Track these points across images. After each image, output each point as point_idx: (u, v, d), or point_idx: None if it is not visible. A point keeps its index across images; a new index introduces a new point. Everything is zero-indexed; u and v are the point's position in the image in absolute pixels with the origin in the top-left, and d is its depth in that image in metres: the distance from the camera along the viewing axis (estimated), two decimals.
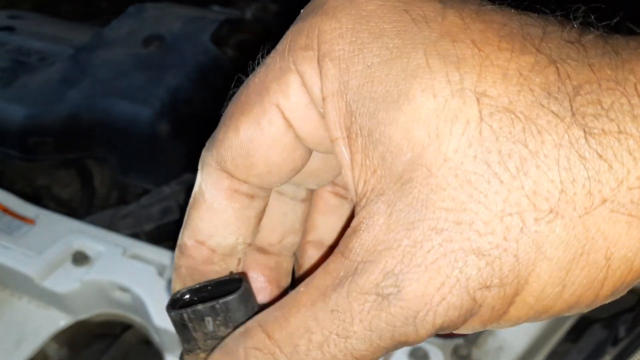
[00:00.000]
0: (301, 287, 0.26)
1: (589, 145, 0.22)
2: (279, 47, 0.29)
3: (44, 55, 1.36)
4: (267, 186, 0.31)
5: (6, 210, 0.87)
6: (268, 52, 0.30)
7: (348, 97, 0.25)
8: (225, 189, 0.31)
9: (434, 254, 0.23)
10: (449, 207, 0.23)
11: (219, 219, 0.31)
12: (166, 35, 1.34)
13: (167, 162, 1.27)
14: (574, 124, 0.22)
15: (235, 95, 0.30)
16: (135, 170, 1.28)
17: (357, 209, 0.26)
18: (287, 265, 0.36)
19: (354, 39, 0.26)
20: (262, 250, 0.35)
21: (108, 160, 1.28)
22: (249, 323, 0.28)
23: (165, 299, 0.75)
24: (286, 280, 0.36)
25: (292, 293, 0.27)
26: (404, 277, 0.23)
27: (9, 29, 1.46)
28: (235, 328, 0.29)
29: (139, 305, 0.75)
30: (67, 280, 0.78)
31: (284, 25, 0.35)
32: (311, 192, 0.35)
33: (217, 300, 0.30)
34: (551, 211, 0.23)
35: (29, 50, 1.38)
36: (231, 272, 0.33)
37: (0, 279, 0.82)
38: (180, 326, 0.31)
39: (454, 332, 0.25)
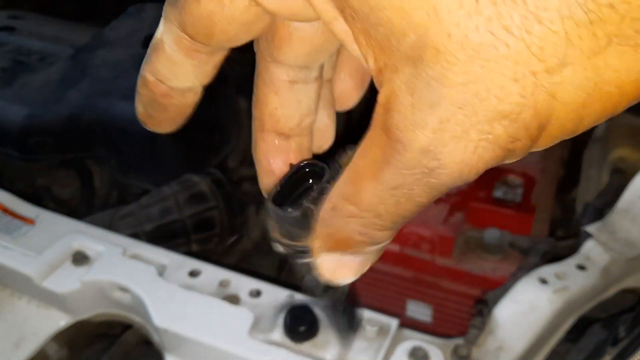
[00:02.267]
0: (358, 159, 0.28)
1: None
2: None
3: (44, 55, 1.36)
4: (226, 48, 0.32)
5: (6, 210, 0.87)
6: None
7: None
8: (185, 48, 0.31)
9: (461, 126, 0.24)
10: (464, 80, 0.24)
11: (178, 70, 0.33)
12: None
13: (167, 162, 1.27)
14: None
15: None
16: (135, 170, 1.28)
17: (378, 82, 0.26)
18: (307, 143, 0.37)
19: None
20: (283, 135, 0.36)
21: (108, 160, 1.28)
22: (334, 198, 0.30)
23: (165, 299, 0.75)
24: (309, 157, 0.38)
25: (353, 165, 0.28)
26: (440, 151, 0.25)
27: (9, 29, 1.46)
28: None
29: (139, 305, 0.75)
30: (67, 280, 0.78)
31: None
32: (322, 70, 0.35)
33: (310, 190, 0.33)
34: (560, 61, 0.23)
35: (29, 50, 1.38)
36: (291, 165, 0.36)
37: (0, 279, 0.82)
38: (298, 220, 0.33)
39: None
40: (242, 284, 0.77)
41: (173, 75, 0.33)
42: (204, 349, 0.70)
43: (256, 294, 0.76)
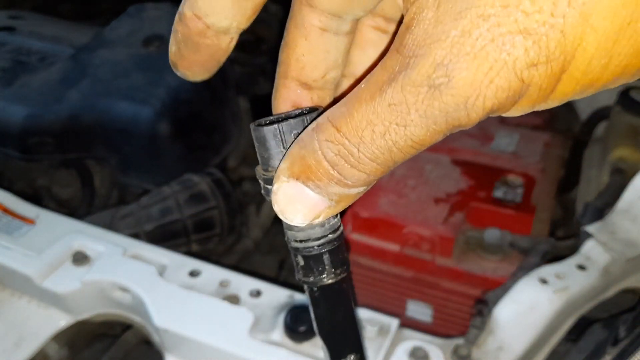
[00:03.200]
0: (362, 84, 0.28)
1: None
2: None
3: (44, 55, 1.36)
4: None
5: (6, 210, 0.87)
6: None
7: None
8: None
9: (482, 40, 0.23)
10: None
11: (217, 4, 0.32)
12: (166, 35, 1.34)
13: (167, 162, 1.27)
14: None
15: None
16: (135, 170, 1.28)
17: (407, 6, 0.26)
18: (329, 98, 0.37)
19: None
20: (305, 85, 0.36)
21: (108, 160, 1.28)
22: (320, 119, 0.29)
23: (165, 299, 0.75)
24: None
25: (355, 89, 0.28)
26: (453, 67, 0.24)
27: (9, 29, 1.46)
28: None
29: (139, 305, 0.75)
30: (67, 280, 0.78)
31: (283, 26, 0.34)
32: (354, 26, 0.35)
33: (303, 115, 0.33)
34: None
35: (29, 50, 1.38)
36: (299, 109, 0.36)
37: (0, 279, 0.82)
38: (269, 141, 0.33)
39: (504, 115, 0.26)
40: (242, 284, 0.77)
41: (211, 10, 0.32)
42: (204, 349, 0.70)
43: (256, 294, 0.76)
